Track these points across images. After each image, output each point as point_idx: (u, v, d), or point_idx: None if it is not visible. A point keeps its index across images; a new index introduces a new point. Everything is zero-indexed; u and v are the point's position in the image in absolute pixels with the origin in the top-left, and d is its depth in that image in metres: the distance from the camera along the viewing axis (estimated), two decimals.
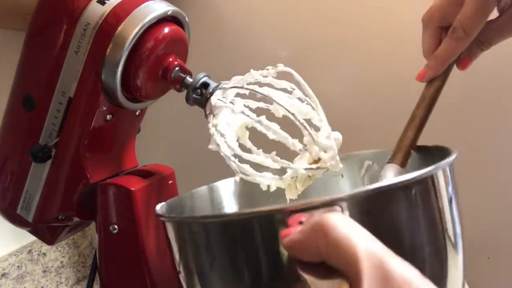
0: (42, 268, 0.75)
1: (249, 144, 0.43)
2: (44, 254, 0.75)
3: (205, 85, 0.42)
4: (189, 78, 0.43)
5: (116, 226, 0.45)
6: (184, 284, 0.33)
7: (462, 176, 0.36)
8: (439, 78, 0.42)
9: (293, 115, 0.36)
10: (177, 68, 0.42)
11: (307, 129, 0.37)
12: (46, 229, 0.52)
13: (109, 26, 0.40)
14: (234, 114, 0.39)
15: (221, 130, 0.38)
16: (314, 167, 0.36)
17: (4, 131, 0.47)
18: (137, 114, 0.48)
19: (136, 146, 0.52)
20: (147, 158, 0.53)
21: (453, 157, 0.32)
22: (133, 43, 0.40)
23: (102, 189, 0.45)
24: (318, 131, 0.38)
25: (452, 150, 0.34)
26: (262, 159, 0.37)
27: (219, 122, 0.39)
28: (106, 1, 0.40)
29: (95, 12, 0.40)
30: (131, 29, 0.39)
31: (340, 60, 0.74)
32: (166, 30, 0.41)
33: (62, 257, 0.79)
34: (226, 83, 0.41)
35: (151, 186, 0.47)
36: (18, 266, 0.70)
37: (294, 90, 0.39)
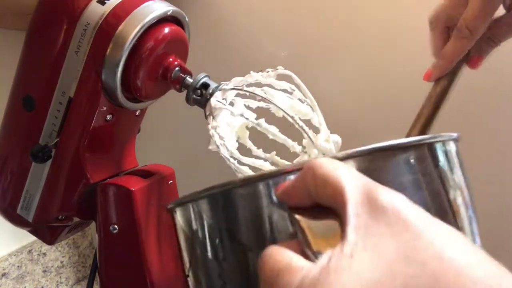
0: (42, 268, 0.75)
1: (249, 144, 0.44)
2: (44, 254, 0.75)
3: (205, 85, 0.42)
4: (189, 79, 0.43)
5: (116, 226, 0.45)
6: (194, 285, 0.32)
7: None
8: (446, 77, 0.42)
9: (292, 118, 0.36)
10: (177, 68, 0.42)
11: (306, 132, 0.37)
12: (46, 229, 0.52)
13: (109, 26, 0.40)
14: (233, 116, 0.39)
15: (220, 132, 0.38)
16: None
17: (4, 131, 0.47)
18: (137, 114, 0.48)
19: (136, 146, 0.52)
20: (147, 158, 0.53)
21: (454, 135, 0.30)
22: (133, 43, 0.40)
23: (102, 189, 0.45)
24: (317, 133, 0.38)
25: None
26: (260, 163, 0.37)
27: (219, 124, 0.39)
28: (106, 1, 0.40)
29: (95, 12, 0.40)
30: (131, 29, 0.39)
31: (340, 60, 0.74)
32: (166, 30, 0.41)
33: (62, 257, 0.79)
34: (226, 84, 0.41)
35: (151, 186, 0.47)
36: (18, 266, 0.70)
37: (294, 91, 0.39)
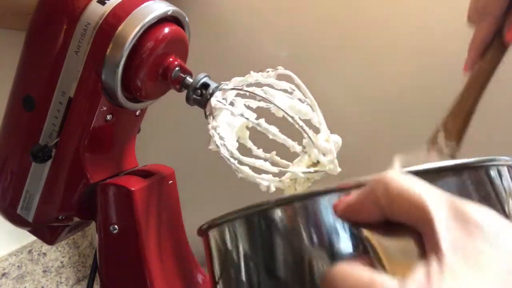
0: (42, 268, 0.75)
1: (249, 144, 0.44)
2: (44, 254, 0.75)
3: (205, 85, 0.42)
4: (189, 78, 0.43)
5: (116, 226, 0.45)
6: None
7: None
8: (485, 61, 0.42)
9: (292, 118, 0.36)
10: (177, 68, 0.42)
11: (307, 132, 0.36)
12: (46, 229, 0.52)
13: (109, 26, 0.40)
14: (233, 116, 0.39)
15: (220, 132, 0.38)
16: (312, 171, 0.36)
17: (4, 131, 0.47)
18: (137, 114, 0.48)
19: (136, 146, 0.52)
20: (147, 158, 0.53)
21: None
22: (133, 43, 0.39)
23: (102, 189, 0.45)
24: (317, 133, 0.38)
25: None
26: (261, 163, 0.37)
27: (219, 124, 0.39)
28: (106, 1, 0.40)
29: (95, 12, 0.40)
30: (131, 29, 0.39)
31: (340, 60, 0.74)
32: (166, 30, 0.41)
33: (62, 257, 0.80)
34: (226, 84, 0.41)
35: (151, 186, 0.47)
36: (18, 266, 0.70)
37: (294, 91, 0.39)
